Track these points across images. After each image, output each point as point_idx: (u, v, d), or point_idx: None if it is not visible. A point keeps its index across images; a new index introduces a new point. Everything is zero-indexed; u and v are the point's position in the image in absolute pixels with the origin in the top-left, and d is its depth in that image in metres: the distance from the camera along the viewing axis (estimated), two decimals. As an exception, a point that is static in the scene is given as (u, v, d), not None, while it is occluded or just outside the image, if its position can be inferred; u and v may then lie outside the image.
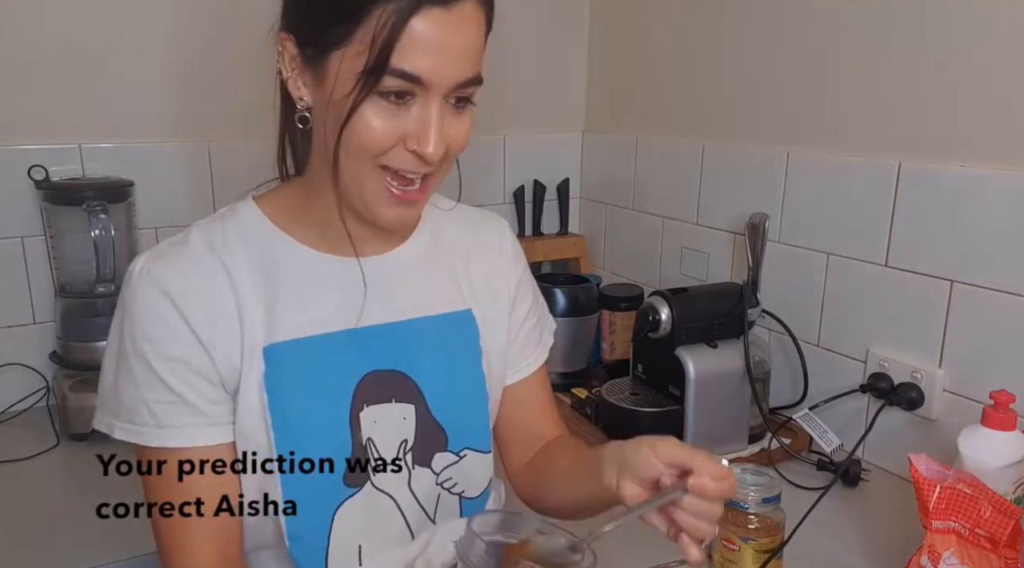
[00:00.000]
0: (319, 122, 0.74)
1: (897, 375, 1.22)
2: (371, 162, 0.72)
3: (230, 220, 0.80)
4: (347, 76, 0.69)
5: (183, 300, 0.74)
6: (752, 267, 1.35)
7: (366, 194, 0.74)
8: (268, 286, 0.78)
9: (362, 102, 0.69)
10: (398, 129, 0.71)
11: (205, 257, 0.77)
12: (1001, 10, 1.07)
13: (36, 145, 1.42)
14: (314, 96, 0.74)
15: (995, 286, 1.09)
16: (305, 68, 0.73)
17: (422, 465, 0.84)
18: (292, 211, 0.81)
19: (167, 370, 0.74)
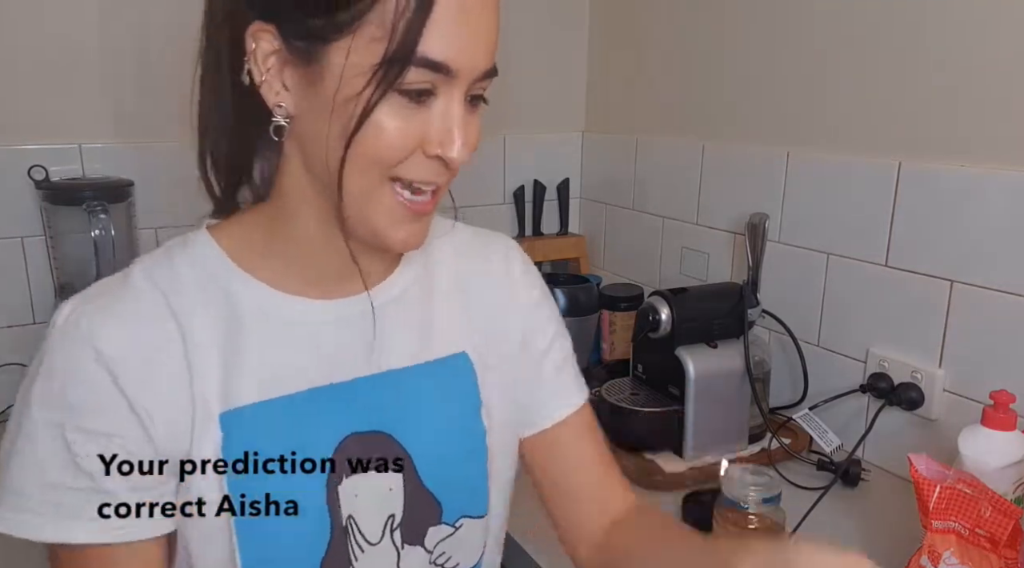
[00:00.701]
0: (306, 134, 0.61)
1: (897, 375, 1.22)
2: (382, 174, 0.60)
3: (180, 257, 0.66)
4: (356, 71, 0.56)
5: (117, 361, 0.60)
6: (752, 267, 1.35)
7: (377, 213, 0.62)
8: (226, 338, 0.64)
9: (379, 102, 0.57)
10: (418, 132, 0.59)
11: (149, 303, 0.63)
12: (1001, 10, 1.07)
13: (36, 145, 1.42)
14: (300, 101, 0.60)
15: (995, 286, 1.09)
16: (289, 66, 0.59)
17: (412, 543, 0.70)
18: (254, 245, 0.67)
19: (86, 445, 0.59)
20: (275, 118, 0.61)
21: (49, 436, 0.60)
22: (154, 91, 1.50)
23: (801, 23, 1.36)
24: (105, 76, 1.46)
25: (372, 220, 0.62)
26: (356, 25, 0.56)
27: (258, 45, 0.59)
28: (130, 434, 0.61)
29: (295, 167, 0.64)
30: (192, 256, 0.67)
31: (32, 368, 0.62)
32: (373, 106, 0.57)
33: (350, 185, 0.60)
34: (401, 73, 0.56)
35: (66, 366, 0.60)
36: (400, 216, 0.63)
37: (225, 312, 0.65)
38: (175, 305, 0.64)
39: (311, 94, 0.59)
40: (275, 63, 0.60)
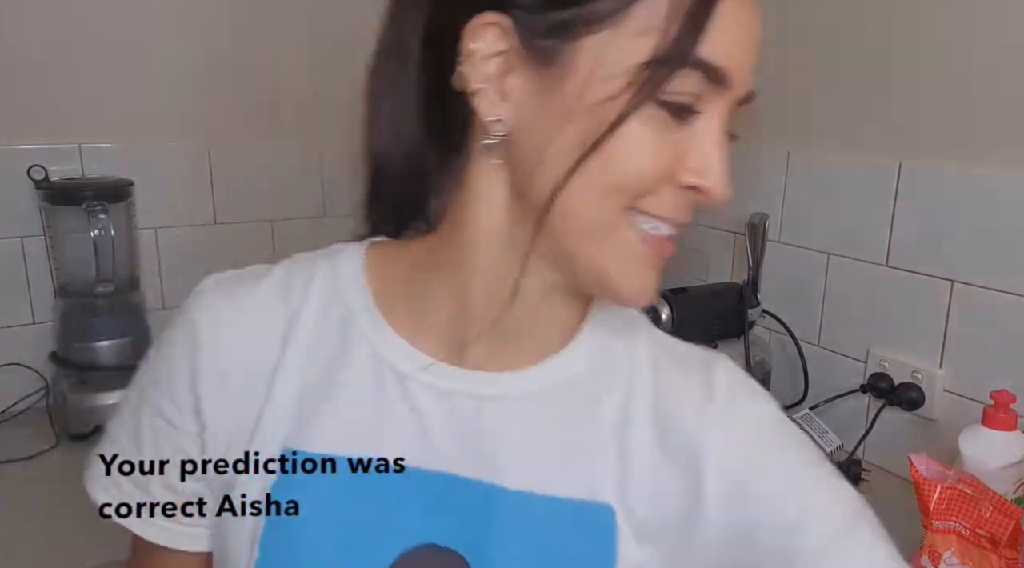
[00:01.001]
0: (525, 153, 0.49)
1: (897, 375, 1.22)
2: (622, 204, 0.48)
3: (326, 268, 0.58)
4: (612, 72, 0.46)
5: (209, 345, 0.56)
6: (752, 267, 1.35)
7: (612, 251, 0.49)
8: (326, 373, 0.55)
9: (637, 107, 0.46)
10: (672, 155, 0.48)
11: (273, 305, 0.57)
12: (1002, 10, 1.07)
13: (36, 145, 1.42)
14: (524, 113, 0.49)
15: (996, 286, 1.09)
16: (516, 71, 0.48)
17: None
18: (399, 280, 0.57)
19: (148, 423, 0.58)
20: (489, 136, 0.49)
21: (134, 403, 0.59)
22: (154, 91, 1.50)
23: (801, 23, 1.36)
24: (105, 76, 1.45)
25: (603, 259, 0.50)
26: (620, 16, 0.46)
27: (481, 44, 0.48)
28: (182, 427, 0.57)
29: (494, 194, 0.52)
30: (338, 271, 0.58)
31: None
32: (629, 112, 0.46)
33: (583, 212, 0.48)
34: (671, 75, 0.46)
35: (170, 335, 0.58)
36: (639, 256, 0.50)
37: (336, 345, 0.56)
38: (291, 320, 0.57)
39: (542, 103, 0.48)
40: (497, 66, 0.48)
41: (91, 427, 1.34)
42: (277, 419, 0.55)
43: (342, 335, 0.56)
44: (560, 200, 0.48)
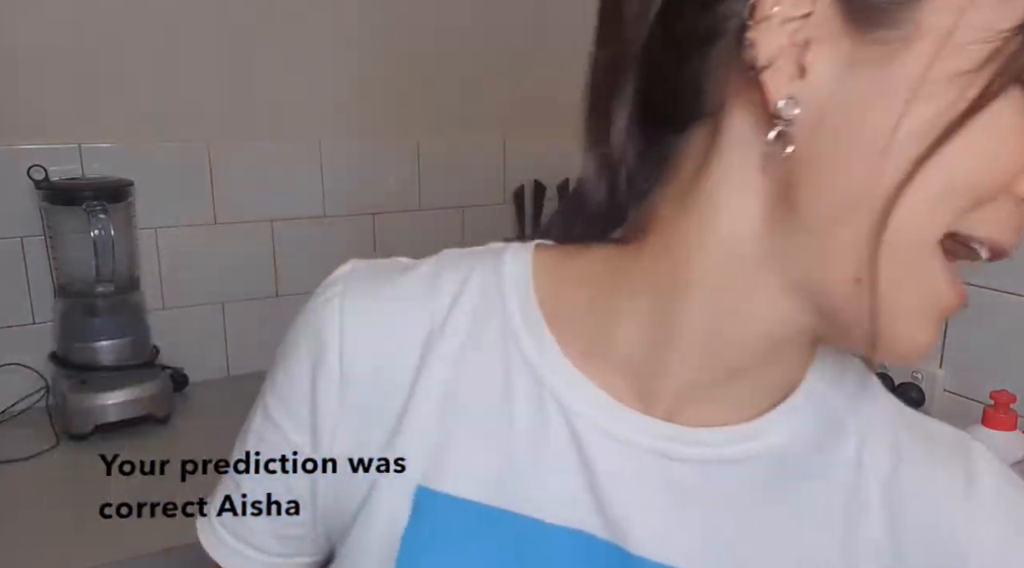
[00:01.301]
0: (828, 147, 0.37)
1: (897, 375, 1.22)
2: (949, 221, 0.37)
3: (487, 266, 0.48)
4: (972, 37, 0.34)
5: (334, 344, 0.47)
6: (752, 267, 1.35)
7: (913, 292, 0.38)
8: (473, 391, 0.46)
9: (1007, 85, 0.34)
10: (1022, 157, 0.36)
11: (416, 297, 0.47)
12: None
13: (35, 145, 1.42)
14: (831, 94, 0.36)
15: (995, 286, 1.09)
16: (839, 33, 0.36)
17: None
18: (579, 293, 0.46)
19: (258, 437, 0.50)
20: (777, 123, 0.37)
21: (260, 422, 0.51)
22: (154, 91, 1.50)
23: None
24: (105, 76, 1.45)
25: (898, 300, 0.38)
26: None
27: (783, 5, 0.36)
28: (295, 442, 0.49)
29: (747, 202, 0.39)
30: (500, 273, 0.47)
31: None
32: (997, 91, 0.34)
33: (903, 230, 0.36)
34: None
35: (291, 337, 0.49)
36: (937, 302, 0.39)
37: (490, 363, 0.45)
38: (437, 324, 0.46)
39: (864, 81, 0.36)
40: (797, 32, 0.36)
41: (91, 427, 1.34)
42: (412, 445, 0.45)
43: (499, 352, 0.45)
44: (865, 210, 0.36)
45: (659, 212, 0.43)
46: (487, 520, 0.44)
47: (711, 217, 0.41)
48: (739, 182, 0.40)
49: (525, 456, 0.44)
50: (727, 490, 0.43)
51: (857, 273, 0.37)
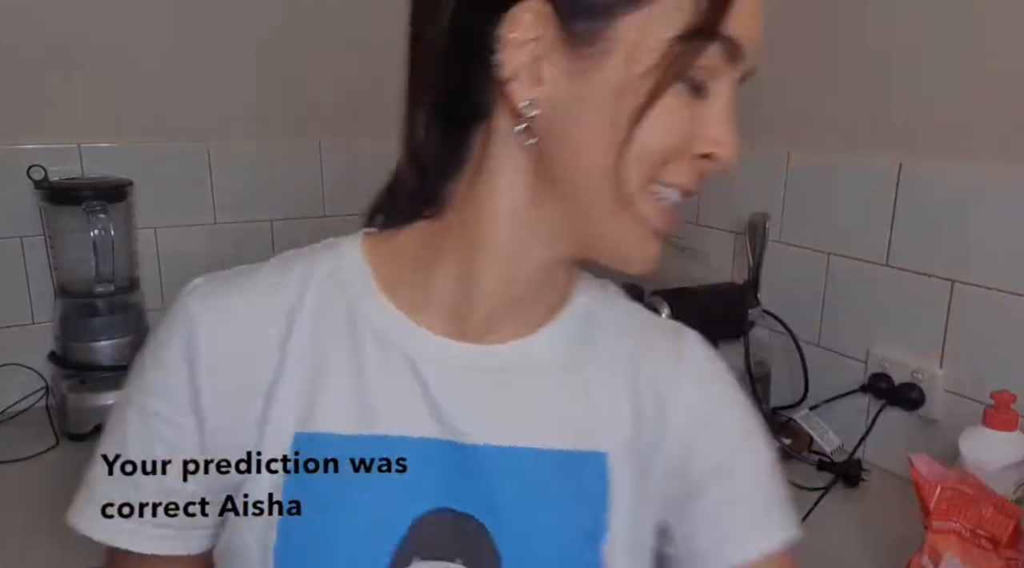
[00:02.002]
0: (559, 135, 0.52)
1: (898, 375, 1.22)
2: (646, 177, 0.52)
3: (324, 257, 0.60)
4: (648, 47, 0.49)
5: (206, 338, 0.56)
6: (752, 267, 1.35)
7: (632, 224, 0.53)
8: (331, 356, 0.57)
9: (675, 80, 0.49)
10: (690, 126, 0.52)
11: (265, 301, 0.58)
12: (1001, 10, 1.07)
13: (35, 145, 1.42)
14: (558, 95, 0.51)
15: (996, 286, 1.09)
16: (553, 55, 0.50)
17: None
18: (400, 263, 0.59)
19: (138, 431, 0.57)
20: (522, 120, 0.51)
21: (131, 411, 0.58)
22: (154, 91, 1.50)
23: (801, 22, 1.36)
24: (105, 76, 1.45)
25: (623, 230, 0.54)
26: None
27: (519, 31, 0.49)
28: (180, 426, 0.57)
29: (516, 176, 0.54)
30: (336, 260, 0.60)
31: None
32: (668, 84, 0.49)
33: (619, 183, 0.51)
34: (701, 49, 0.49)
35: (156, 338, 0.58)
36: (653, 227, 0.54)
37: (342, 330, 0.57)
38: (292, 309, 0.57)
39: (579, 83, 0.50)
40: (532, 52, 0.50)
41: (91, 427, 1.34)
42: (286, 410, 0.56)
43: (346, 319, 0.57)
44: (593, 175, 0.51)
45: (458, 193, 0.57)
46: (354, 445, 0.55)
47: (494, 193, 0.55)
48: (509, 166, 0.54)
49: (377, 391, 0.56)
50: (525, 383, 0.59)
51: (600, 218, 0.53)
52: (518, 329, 0.59)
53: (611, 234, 0.54)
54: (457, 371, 0.57)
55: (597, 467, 0.58)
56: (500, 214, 0.55)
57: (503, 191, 0.55)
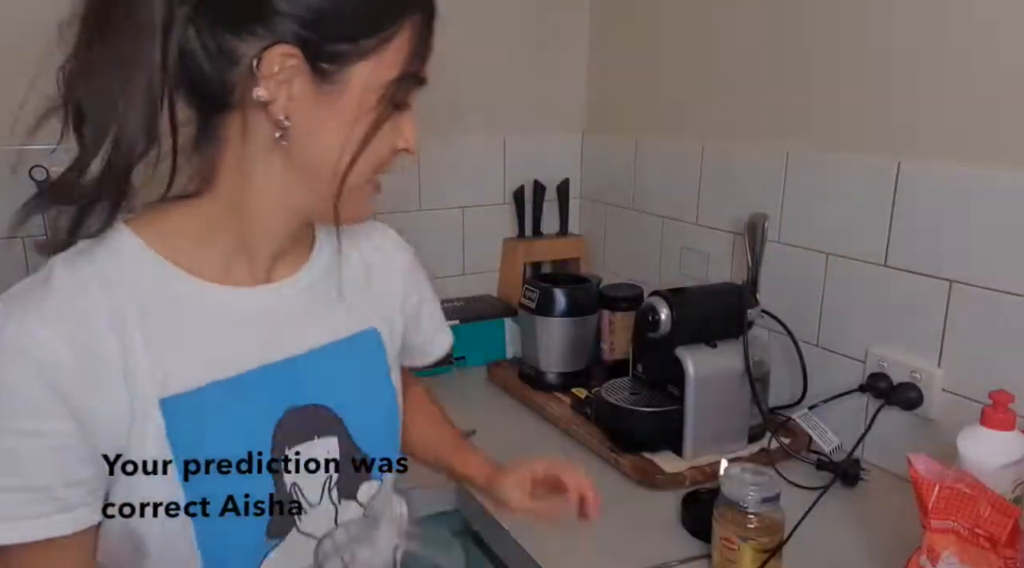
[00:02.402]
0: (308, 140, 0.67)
1: (896, 375, 1.23)
2: (375, 170, 0.72)
3: (101, 253, 0.67)
4: (374, 87, 0.67)
5: (52, 365, 0.60)
6: (752, 267, 1.36)
7: (358, 199, 0.74)
8: (158, 329, 0.66)
9: (393, 111, 0.69)
10: (395, 134, 0.72)
11: (77, 300, 0.63)
12: (1001, 9, 1.07)
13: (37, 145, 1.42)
14: (305, 112, 0.66)
15: (994, 286, 1.09)
16: (308, 82, 0.65)
17: (348, 498, 0.79)
18: (184, 238, 0.70)
19: (14, 447, 0.61)
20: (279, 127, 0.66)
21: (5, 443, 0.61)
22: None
23: (801, 23, 1.36)
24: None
25: (352, 205, 0.73)
26: (379, 50, 0.66)
27: (281, 65, 0.64)
28: (64, 431, 0.62)
29: (272, 165, 0.69)
30: (115, 250, 0.67)
31: None
32: (389, 115, 0.69)
33: (354, 179, 0.70)
34: (412, 87, 0.70)
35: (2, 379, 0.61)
36: (370, 198, 0.76)
37: (155, 303, 0.67)
38: (103, 299, 0.65)
39: (323, 106, 0.67)
40: (294, 82, 0.65)
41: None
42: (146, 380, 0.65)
43: (157, 293, 0.68)
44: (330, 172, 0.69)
45: (221, 170, 0.69)
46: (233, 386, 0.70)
47: (255, 174, 0.69)
48: (264, 153, 0.68)
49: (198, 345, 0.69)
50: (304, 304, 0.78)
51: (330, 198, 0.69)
52: (284, 271, 0.77)
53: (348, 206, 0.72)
54: (261, 310, 0.74)
55: (372, 336, 0.84)
56: (263, 193, 0.70)
57: (261, 174, 0.69)
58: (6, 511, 0.61)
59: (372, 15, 0.66)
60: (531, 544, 1.04)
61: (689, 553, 1.03)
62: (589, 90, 1.94)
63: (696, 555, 1.02)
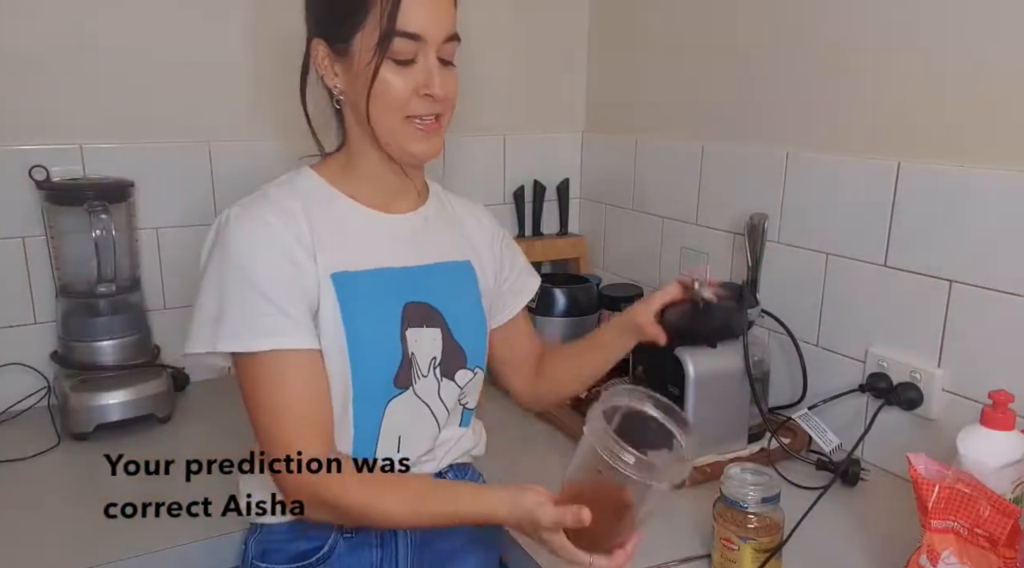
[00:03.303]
0: (351, 100, 0.96)
1: (896, 375, 1.23)
2: (399, 115, 0.93)
3: (298, 182, 1.00)
4: (367, 49, 0.90)
5: (276, 229, 0.92)
6: (752, 267, 1.36)
7: (400, 138, 0.95)
8: (331, 229, 0.96)
9: (382, 63, 0.90)
10: (411, 82, 0.92)
11: (286, 203, 0.95)
12: (1001, 9, 1.07)
13: (37, 145, 1.42)
14: (345, 80, 0.95)
15: (994, 286, 1.10)
16: (336, 61, 0.94)
17: (448, 378, 1.02)
18: (340, 174, 1.01)
19: (270, 288, 0.90)
20: (335, 96, 0.97)
21: (243, 288, 0.90)
22: (154, 91, 1.50)
23: (801, 23, 1.36)
24: (106, 76, 1.46)
25: (398, 142, 0.95)
26: (363, 22, 0.90)
27: (318, 53, 0.95)
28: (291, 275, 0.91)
29: (352, 123, 0.98)
30: (303, 181, 1.00)
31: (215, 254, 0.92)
32: (379, 66, 0.90)
33: (379, 124, 0.94)
34: (391, 42, 0.89)
35: (245, 237, 0.91)
36: (415, 135, 0.95)
37: (328, 216, 0.97)
38: (299, 205, 0.95)
39: (348, 74, 0.94)
40: (328, 62, 0.95)
41: (92, 426, 1.34)
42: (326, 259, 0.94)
43: (329, 209, 0.98)
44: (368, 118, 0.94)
45: (343, 131, 1.01)
46: (373, 275, 0.97)
47: (351, 131, 1.00)
48: (348, 116, 0.99)
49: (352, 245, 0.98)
50: (419, 231, 1.05)
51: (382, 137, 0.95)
52: (407, 207, 1.04)
53: (397, 143, 0.96)
54: (393, 229, 1.02)
55: (468, 267, 1.09)
56: (358, 142, 0.99)
57: (354, 132, 0.99)
58: (266, 328, 0.89)
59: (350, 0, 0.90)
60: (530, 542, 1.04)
61: (689, 553, 1.03)
62: (589, 90, 1.94)
63: (696, 555, 1.02)
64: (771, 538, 0.94)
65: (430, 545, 1.04)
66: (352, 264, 0.96)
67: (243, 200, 0.96)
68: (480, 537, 1.08)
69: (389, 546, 1.01)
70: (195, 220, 1.54)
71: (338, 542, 0.98)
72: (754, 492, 0.93)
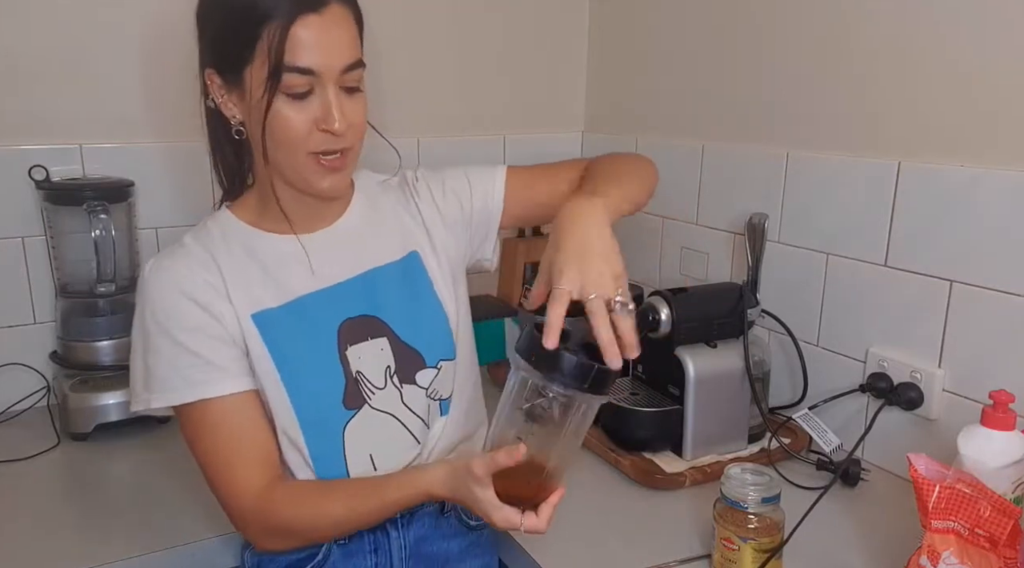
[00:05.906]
0: (252, 131, 0.92)
1: (896, 375, 1.23)
2: (300, 151, 0.90)
3: (210, 226, 1.00)
4: (258, 82, 0.86)
5: (188, 280, 0.93)
6: (752, 267, 1.36)
7: (305, 173, 0.92)
8: (245, 269, 0.96)
9: (274, 96, 0.86)
10: (308, 116, 0.88)
11: (197, 253, 0.96)
12: (1001, 10, 1.07)
13: (37, 145, 1.42)
14: (241, 110, 0.92)
15: (994, 286, 1.10)
16: (230, 91, 0.91)
17: (409, 383, 1.00)
18: (255, 209, 1.00)
19: (189, 339, 0.91)
20: (234, 126, 0.94)
21: (166, 343, 0.91)
22: (154, 91, 1.50)
23: (801, 23, 1.36)
24: (106, 76, 1.46)
25: (302, 177, 0.93)
26: (251, 56, 0.86)
27: (212, 82, 0.92)
28: (212, 326, 0.92)
29: (258, 156, 0.94)
30: (216, 225, 0.99)
31: (137, 311, 0.94)
32: (271, 99, 0.86)
33: (281, 162, 0.92)
34: (280, 77, 0.85)
35: (161, 296, 0.92)
36: (319, 172, 0.92)
37: (242, 256, 0.97)
38: (212, 252, 0.96)
39: (243, 104, 0.91)
40: (224, 91, 0.92)
41: (92, 426, 1.34)
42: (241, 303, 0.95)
43: (244, 248, 0.97)
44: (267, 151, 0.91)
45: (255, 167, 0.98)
46: (297, 306, 0.97)
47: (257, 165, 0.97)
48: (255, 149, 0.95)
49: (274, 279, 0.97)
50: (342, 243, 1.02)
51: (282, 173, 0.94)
52: (324, 224, 1.01)
53: (301, 178, 0.93)
54: (316, 250, 0.99)
55: (413, 259, 1.05)
56: (266, 173, 0.95)
57: (260, 162, 0.94)
58: (197, 378, 0.91)
59: (241, 30, 0.86)
60: (530, 542, 1.04)
61: (689, 553, 1.03)
62: (589, 90, 1.94)
63: (696, 555, 1.02)
64: (771, 538, 0.94)
65: (423, 551, 1.03)
66: (273, 300, 0.95)
67: (162, 251, 0.98)
68: (477, 542, 1.08)
69: (383, 553, 1.01)
70: (195, 220, 1.53)
71: (332, 550, 0.98)
72: (754, 492, 0.93)
